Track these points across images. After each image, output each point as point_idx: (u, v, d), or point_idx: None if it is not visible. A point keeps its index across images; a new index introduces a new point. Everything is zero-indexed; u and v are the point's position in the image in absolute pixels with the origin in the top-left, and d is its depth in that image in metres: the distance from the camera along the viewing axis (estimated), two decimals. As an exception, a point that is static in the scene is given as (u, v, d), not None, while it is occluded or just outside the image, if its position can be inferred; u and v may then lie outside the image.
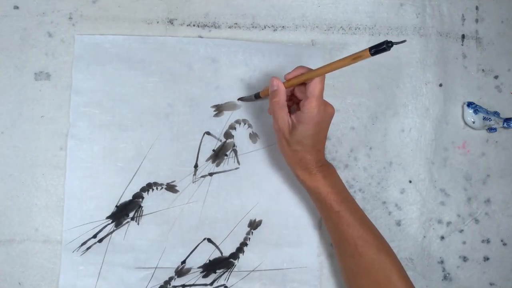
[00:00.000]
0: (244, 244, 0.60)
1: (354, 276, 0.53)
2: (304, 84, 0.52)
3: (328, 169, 0.54)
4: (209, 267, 0.60)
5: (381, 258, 0.52)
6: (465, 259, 0.63)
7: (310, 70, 0.50)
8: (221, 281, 0.60)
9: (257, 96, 0.58)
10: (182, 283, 0.59)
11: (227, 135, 0.61)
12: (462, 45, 0.64)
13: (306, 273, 0.60)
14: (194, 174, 0.60)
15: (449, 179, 0.63)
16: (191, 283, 0.59)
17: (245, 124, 0.61)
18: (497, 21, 0.65)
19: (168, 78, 0.60)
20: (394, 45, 0.41)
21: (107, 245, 0.59)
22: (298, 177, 0.54)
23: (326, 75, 0.59)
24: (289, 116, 0.52)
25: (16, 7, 0.60)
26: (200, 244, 0.60)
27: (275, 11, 0.62)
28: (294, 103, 0.56)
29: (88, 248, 0.58)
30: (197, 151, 0.60)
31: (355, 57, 0.44)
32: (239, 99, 0.61)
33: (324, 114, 0.51)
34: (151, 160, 0.60)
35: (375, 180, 0.62)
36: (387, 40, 0.41)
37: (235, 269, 0.60)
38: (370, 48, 0.42)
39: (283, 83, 0.52)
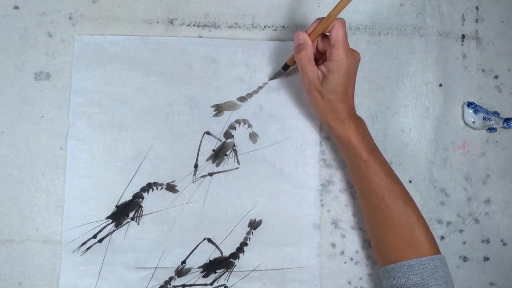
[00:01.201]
0: (244, 244, 0.60)
1: (379, 227, 0.54)
2: (326, 36, 0.53)
3: (359, 120, 0.55)
4: (209, 267, 0.60)
5: (407, 211, 0.52)
6: (465, 259, 0.63)
7: (325, 18, 0.52)
8: (221, 281, 0.60)
9: (285, 67, 0.58)
10: (182, 283, 0.59)
11: (227, 135, 0.61)
12: (462, 45, 0.64)
13: (306, 273, 0.60)
14: (194, 174, 0.60)
15: (449, 179, 0.63)
16: (191, 283, 0.59)
17: (245, 124, 0.61)
18: (497, 21, 0.65)
19: (168, 78, 0.60)
20: None
21: (107, 245, 0.59)
22: (331, 127, 0.55)
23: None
24: (317, 68, 0.53)
25: (16, 7, 0.60)
26: (200, 244, 0.60)
27: (275, 11, 0.62)
28: (318, 58, 0.57)
29: (88, 248, 0.58)
30: (197, 151, 0.60)
31: None
32: (270, 79, 0.61)
33: (352, 60, 0.52)
34: (151, 160, 0.60)
35: (375, 180, 0.62)
36: None
37: (235, 269, 0.60)
38: None
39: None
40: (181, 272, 0.59)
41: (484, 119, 0.62)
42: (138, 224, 0.59)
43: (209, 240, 0.60)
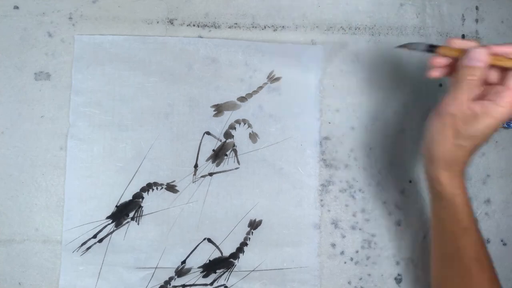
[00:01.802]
0: (244, 244, 0.60)
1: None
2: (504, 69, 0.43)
3: (464, 172, 0.46)
4: (209, 267, 0.60)
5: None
6: (465, 259, 0.63)
7: None
8: (221, 281, 0.60)
9: (431, 50, 0.47)
10: (182, 283, 0.59)
11: (227, 135, 0.61)
12: (462, 45, 0.64)
13: (306, 273, 0.60)
14: (194, 174, 0.60)
15: (449, 179, 0.63)
16: (191, 283, 0.59)
17: (245, 124, 0.61)
18: (497, 21, 0.65)
19: (168, 78, 0.60)
20: None
21: (107, 245, 0.59)
22: (436, 178, 0.46)
23: (326, 73, 0.59)
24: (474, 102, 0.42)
25: (16, 7, 0.60)
26: (200, 244, 0.60)
27: (275, 11, 0.62)
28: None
29: (88, 248, 0.58)
30: (197, 151, 0.60)
31: None
32: (401, 46, 0.49)
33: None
34: (151, 160, 0.60)
35: (375, 180, 0.62)
36: None
37: (235, 269, 0.60)
38: None
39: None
40: (181, 272, 0.59)
41: (484, 119, 0.62)
42: (138, 224, 0.59)
43: (209, 240, 0.60)
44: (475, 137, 0.43)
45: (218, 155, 0.61)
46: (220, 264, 0.60)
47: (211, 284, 0.60)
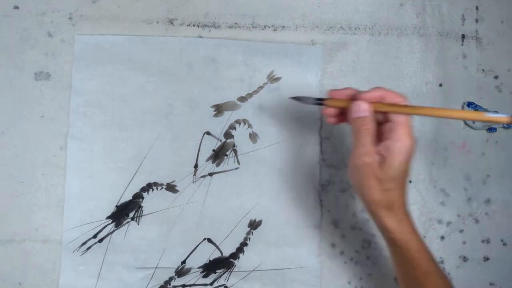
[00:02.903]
0: (244, 244, 0.60)
1: None
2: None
3: (409, 213, 0.46)
4: (209, 267, 0.60)
5: None
6: (465, 259, 0.63)
7: (394, 94, 0.44)
8: (221, 281, 0.60)
9: (318, 103, 0.49)
10: (182, 283, 0.59)
11: (227, 135, 0.61)
12: (462, 45, 0.64)
13: (306, 273, 0.60)
14: (194, 174, 0.60)
15: (449, 179, 0.63)
16: (191, 283, 0.59)
17: (245, 124, 0.61)
18: (497, 21, 0.65)
19: (168, 78, 0.60)
20: None
21: (107, 245, 0.59)
22: (385, 227, 0.45)
23: (326, 73, 0.59)
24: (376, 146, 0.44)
25: (16, 7, 0.60)
26: (200, 244, 0.60)
27: (275, 11, 0.62)
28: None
29: (88, 248, 0.58)
30: (197, 151, 0.60)
31: (491, 119, 0.39)
32: (293, 98, 0.52)
33: (414, 142, 0.43)
34: (151, 160, 0.60)
35: (375, 180, 0.62)
36: None
37: (235, 269, 0.60)
38: None
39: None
40: (181, 272, 0.59)
41: (484, 119, 0.62)
42: (138, 224, 0.59)
43: (209, 240, 0.60)
44: (394, 177, 0.43)
45: (218, 155, 0.61)
46: (220, 264, 0.60)
47: (211, 284, 0.60)
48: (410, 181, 0.62)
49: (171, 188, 0.60)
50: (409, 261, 0.45)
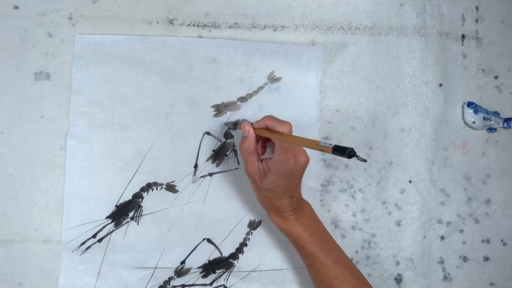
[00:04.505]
0: (243, 244, 0.60)
1: None
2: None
3: (301, 210, 0.54)
4: (209, 267, 0.60)
5: None
6: (465, 259, 0.63)
7: (277, 122, 0.50)
8: (220, 281, 0.60)
9: (234, 126, 0.60)
10: (182, 283, 0.59)
11: (227, 135, 0.61)
12: (462, 45, 0.64)
13: (306, 273, 0.60)
14: (194, 174, 0.60)
15: (449, 179, 0.63)
16: (191, 283, 0.59)
17: (245, 124, 0.61)
18: (497, 21, 0.65)
19: (168, 78, 0.60)
20: (354, 157, 0.40)
21: (107, 245, 0.59)
22: (271, 219, 0.55)
23: (326, 73, 0.59)
24: (260, 162, 0.52)
25: (16, 7, 0.60)
26: (200, 244, 0.60)
27: (275, 11, 0.62)
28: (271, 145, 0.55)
29: (87, 248, 0.58)
30: (197, 151, 0.60)
31: (319, 148, 0.43)
32: (225, 123, 0.60)
33: (294, 165, 0.50)
34: (151, 160, 0.60)
35: (375, 180, 0.62)
36: (352, 149, 0.40)
37: (235, 269, 0.60)
38: (333, 149, 0.41)
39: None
40: (180, 272, 0.59)
41: (484, 119, 0.62)
42: (138, 224, 0.59)
43: (209, 240, 0.60)
44: (270, 189, 0.51)
45: (218, 155, 0.61)
46: (220, 264, 0.60)
47: (211, 284, 0.59)
48: (410, 181, 0.62)
49: (171, 188, 0.60)
50: (294, 243, 0.54)
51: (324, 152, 0.43)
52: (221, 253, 0.60)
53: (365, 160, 0.42)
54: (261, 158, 0.53)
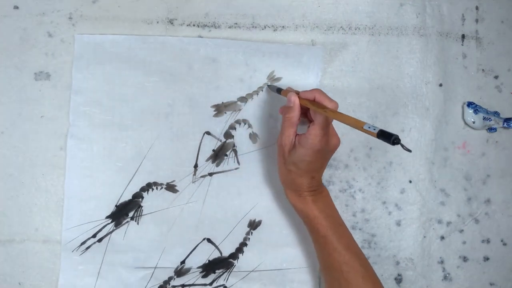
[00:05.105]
0: (243, 244, 0.60)
1: None
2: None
3: (320, 193, 0.54)
4: (209, 267, 0.60)
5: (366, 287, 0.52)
6: (465, 259, 0.63)
7: (326, 97, 0.50)
8: (220, 281, 0.60)
9: (278, 91, 0.58)
10: (182, 283, 0.59)
11: (227, 135, 0.61)
12: (462, 45, 0.64)
13: (306, 273, 0.60)
14: (194, 174, 0.60)
15: (449, 179, 0.63)
16: (191, 283, 0.59)
17: (245, 124, 0.61)
18: (497, 21, 0.65)
19: (168, 78, 0.60)
20: (398, 144, 0.40)
21: (107, 245, 0.59)
22: (287, 197, 0.55)
23: (326, 73, 0.58)
24: (295, 136, 0.52)
25: (16, 7, 0.60)
26: (200, 244, 0.60)
27: (275, 11, 0.62)
28: (308, 121, 0.55)
29: (87, 248, 0.58)
30: (197, 151, 0.60)
31: (364, 130, 0.43)
32: (268, 85, 0.61)
33: (326, 145, 0.50)
34: (151, 160, 0.60)
35: (375, 180, 0.62)
36: (397, 136, 0.39)
37: (235, 269, 0.60)
38: (378, 133, 0.41)
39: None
40: (180, 272, 0.59)
41: (484, 119, 0.62)
42: (138, 224, 0.59)
43: (209, 240, 0.60)
44: (296, 163, 0.51)
45: (218, 155, 0.61)
46: (220, 264, 0.60)
47: (211, 284, 0.59)
48: (410, 181, 0.62)
49: (170, 188, 0.60)
50: (309, 225, 0.54)
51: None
52: (221, 253, 0.60)
53: (409, 150, 0.41)
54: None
